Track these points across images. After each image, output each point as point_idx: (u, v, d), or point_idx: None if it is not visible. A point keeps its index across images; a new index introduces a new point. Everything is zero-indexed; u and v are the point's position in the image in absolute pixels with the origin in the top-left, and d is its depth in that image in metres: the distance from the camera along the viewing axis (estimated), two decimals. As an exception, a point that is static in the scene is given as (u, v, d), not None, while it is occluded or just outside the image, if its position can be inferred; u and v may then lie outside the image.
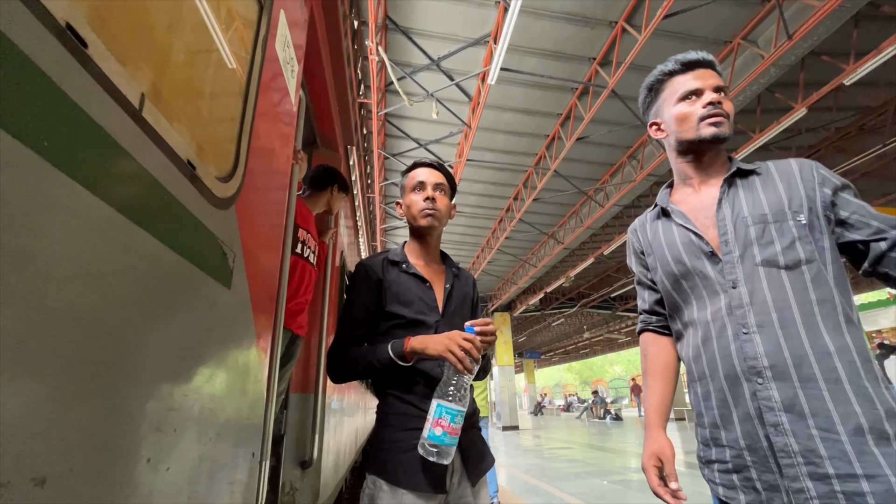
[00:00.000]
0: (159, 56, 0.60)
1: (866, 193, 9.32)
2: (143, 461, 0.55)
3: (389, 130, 7.36)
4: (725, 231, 0.89)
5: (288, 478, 1.73)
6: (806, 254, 0.83)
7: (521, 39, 5.42)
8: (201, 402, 0.70)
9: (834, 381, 0.76)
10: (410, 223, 1.21)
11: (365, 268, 1.17)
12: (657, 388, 1.02)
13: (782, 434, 0.77)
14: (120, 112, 0.48)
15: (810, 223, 0.85)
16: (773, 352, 0.80)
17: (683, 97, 0.97)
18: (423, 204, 1.17)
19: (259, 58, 1.00)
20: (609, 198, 8.37)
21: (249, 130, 0.89)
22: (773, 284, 0.83)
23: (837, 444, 0.72)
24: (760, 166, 0.95)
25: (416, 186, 1.20)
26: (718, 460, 0.86)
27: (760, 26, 5.33)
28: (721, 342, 0.86)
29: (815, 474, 0.73)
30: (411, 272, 1.17)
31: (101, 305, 0.46)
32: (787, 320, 0.80)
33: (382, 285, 1.14)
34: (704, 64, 0.98)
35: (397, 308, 1.12)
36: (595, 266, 12.53)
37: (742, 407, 0.82)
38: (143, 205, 0.53)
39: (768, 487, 0.78)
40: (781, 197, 0.88)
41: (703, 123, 0.94)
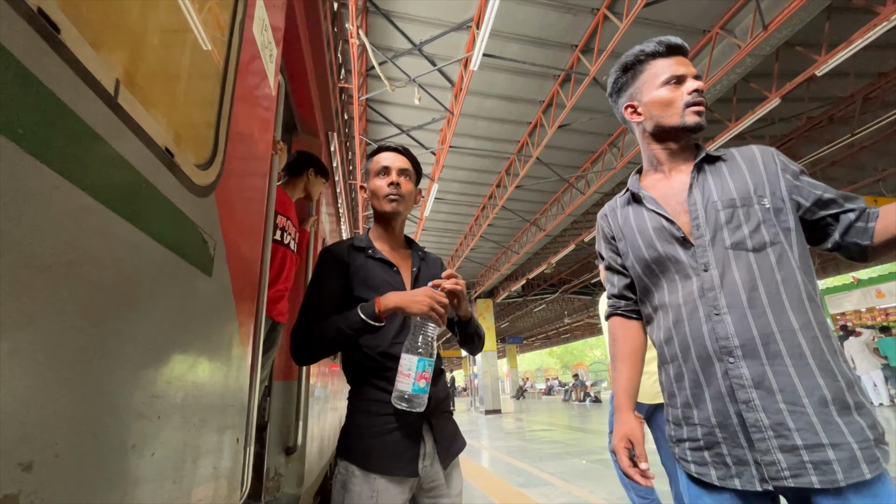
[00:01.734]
0: (134, 41, 0.59)
1: (835, 181, 9.67)
2: (128, 447, 0.55)
3: (371, 116, 7.25)
4: (697, 216, 0.91)
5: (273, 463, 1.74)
6: (770, 236, 0.86)
7: (504, 25, 5.38)
8: (185, 389, 0.70)
9: (798, 357, 0.79)
10: (375, 208, 1.21)
11: (330, 254, 1.15)
12: (626, 372, 1.04)
13: (753, 410, 0.79)
14: (94, 98, 0.47)
15: (774, 206, 0.88)
16: (743, 331, 0.82)
17: (667, 82, 0.96)
18: (387, 189, 1.17)
19: (236, 41, 0.98)
20: (590, 185, 8.47)
21: (228, 117, 0.88)
22: (741, 267, 0.85)
23: (804, 416, 0.76)
24: (725, 153, 0.96)
25: (381, 171, 1.19)
26: (690, 438, 0.89)
27: (738, 16, 5.42)
28: (693, 324, 0.88)
29: (784, 447, 0.76)
30: (377, 257, 1.17)
31: (82, 294, 0.46)
32: (755, 300, 0.83)
33: (349, 271, 1.13)
34: (684, 51, 0.98)
35: (365, 293, 1.10)
36: (576, 252, 12.71)
37: (714, 386, 0.85)
38: (120, 193, 0.52)
39: (737, 462, 0.81)
40: (747, 182, 0.90)
41: (689, 111, 0.94)
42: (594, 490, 3.70)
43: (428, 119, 7.25)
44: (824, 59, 5.13)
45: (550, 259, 11.95)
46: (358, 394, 1.10)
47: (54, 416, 0.42)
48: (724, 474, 0.83)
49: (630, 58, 1.02)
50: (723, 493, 0.84)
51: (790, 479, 0.75)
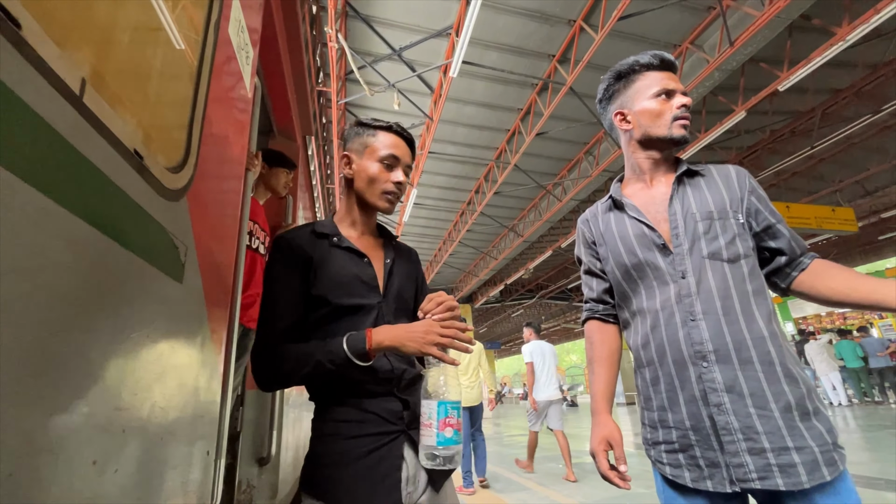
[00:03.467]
0: (102, 38, 0.57)
1: (796, 191, 10.14)
2: (89, 463, 0.52)
3: (350, 120, 7.20)
4: (676, 225, 0.94)
5: (245, 475, 1.69)
6: (744, 249, 0.91)
7: (483, 33, 5.44)
8: (152, 401, 0.67)
9: (768, 364, 0.83)
10: (363, 194, 1.01)
11: (288, 244, 0.95)
12: (603, 375, 1.04)
13: (724, 413, 0.82)
14: (59, 99, 0.45)
15: (746, 223, 0.94)
16: (717, 337, 0.85)
17: (658, 94, 0.99)
18: (390, 186, 0.99)
19: (211, 42, 0.96)
20: (566, 192, 8.62)
21: (202, 119, 0.85)
22: (717, 275, 0.89)
23: (771, 420, 0.79)
24: (704, 168, 1.01)
25: (387, 159, 0.99)
26: (665, 441, 0.91)
27: (706, 32, 5.64)
28: (670, 329, 0.91)
29: (752, 449, 0.79)
30: (344, 246, 0.98)
31: (42, 302, 0.44)
32: (729, 308, 0.86)
33: (312, 265, 0.94)
34: (674, 68, 1.03)
35: (330, 292, 0.92)
36: (553, 258, 12.89)
37: (688, 389, 0.87)
38: (85, 197, 0.50)
39: (710, 464, 0.83)
40: (724, 197, 0.95)
41: (676, 124, 0.97)
42: (571, 494, 3.73)
43: (407, 124, 7.23)
44: (786, 76, 5.39)
45: (528, 264, 12.08)
46: (323, 414, 0.92)
47: (7, 432, 0.39)
48: (698, 476, 0.85)
49: (624, 67, 1.04)
50: (696, 495, 0.86)
51: (757, 481, 0.78)
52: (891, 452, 4.23)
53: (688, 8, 5.27)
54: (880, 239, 13.14)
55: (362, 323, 0.93)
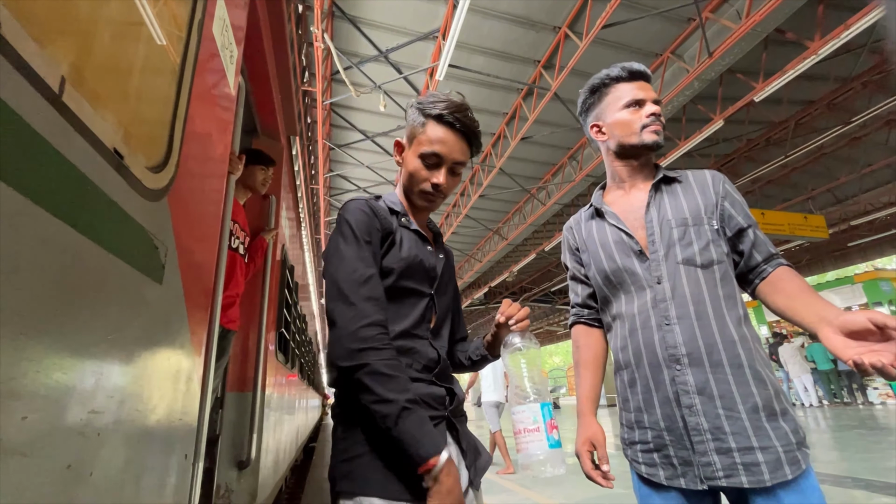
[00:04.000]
0: (83, 37, 0.56)
1: (771, 199, 10.46)
2: (63, 468, 0.51)
3: (335, 120, 7.16)
4: (653, 232, 0.97)
5: (223, 479, 1.66)
6: (717, 255, 0.94)
7: (470, 37, 5.48)
8: (129, 404, 0.66)
9: (737, 367, 0.86)
10: (405, 186, 0.95)
11: (373, 211, 0.87)
12: (589, 378, 1.07)
13: (695, 414, 0.85)
14: (37, 97, 0.45)
15: (721, 228, 0.97)
16: (690, 340, 0.88)
17: (628, 105, 1.03)
18: (428, 186, 0.90)
19: (195, 40, 0.95)
20: (550, 196, 8.72)
21: (184, 119, 0.85)
22: (691, 281, 0.92)
23: (739, 421, 0.83)
24: (681, 175, 1.04)
25: (429, 158, 0.89)
26: (641, 441, 0.94)
27: (686, 42, 5.79)
28: (646, 333, 0.94)
29: (720, 449, 0.82)
30: (413, 228, 0.93)
31: (16, 303, 0.43)
32: (702, 313, 0.89)
33: (390, 237, 0.88)
34: (646, 77, 1.05)
35: (398, 269, 0.86)
36: (537, 261, 13.01)
37: (662, 391, 0.90)
38: (63, 197, 0.50)
39: (683, 463, 0.87)
40: (699, 203, 0.97)
41: (646, 130, 1.01)
42: (552, 495, 3.77)
43: (393, 126, 7.24)
44: (761, 87, 5.57)
45: (512, 267, 12.16)
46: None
47: (-21, 437, 0.38)
48: (672, 474, 0.88)
49: (597, 81, 1.08)
50: (670, 492, 0.89)
51: (723, 479, 0.81)
52: (857, 452, 4.39)
53: (669, 18, 5.41)
54: (849, 245, 13.65)
55: (412, 309, 0.88)
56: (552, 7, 5.25)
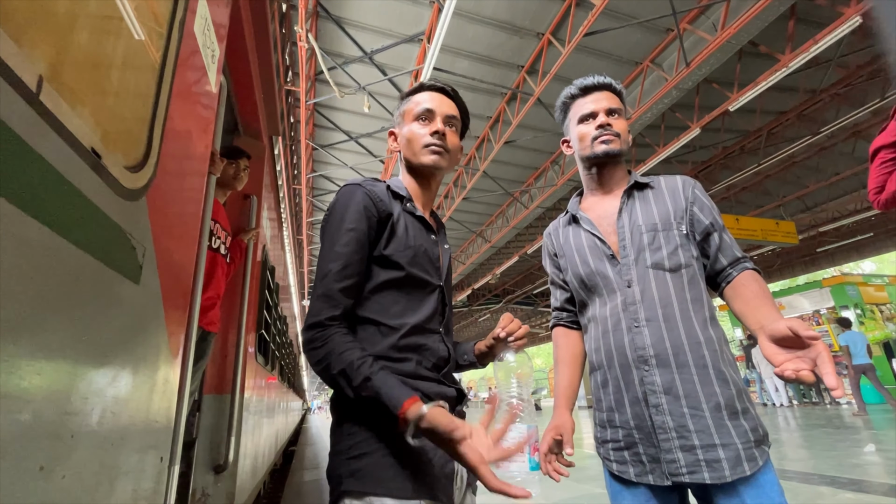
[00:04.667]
0: (61, 35, 0.55)
1: (745, 205, 10.79)
2: (36, 469, 0.51)
3: (318, 121, 7.10)
4: (624, 237, 1.01)
5: (200, 483, 1.63)
6: (685, 259, 0.97)
7: (454, 41, 5.52)
8: (104, 405, 0.66)
9: (702, 367, 0.89)
10: (409, 159, 0.94)
11: (368, 193, 0.83)
12: (566, 374, 1.11)
13: (661, 413, 0.89)
14: (14, 96, 0.44)
15: (689, 233, 1.00)
16: (658, 342, 0.92)
17: (582, 119, 1.08)
18: (428, 138, 0.90)
19: (175, 38, 0.95)
20: (533, 200, 8.82)
21: (164, 118, 0.84)
22: (659, 284, 0.95)
23: (702, 419, 0.86)
24: (653, 180, 1.07)
25: (422, 115, 0.92)
26: (612, 440, 0.97)
27: (665, 52, 5.94)
28: (617, 335, 0.97)
29: (684, 446, 0.86)
30: (417, 215, 0.90)
31: (-11, 303, 0.43)
32: (669, 315, 0.93)
33: (389, 223, 0.83)
34: (600, 87, 1.08)
35: (401, 256, 0.81)
36: (519, 264, 13.13)
37: (632, 391, 0.93)
38: (39, 197, 0.49)
39: (651, 460, 0.90)
40: (669, 209, 1.01)
41: (596, 142, 1.05)
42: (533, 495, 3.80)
43: (377, 127, 7.22)
44: (736, 97, 5.76)
45: (495, 270, 12.24)
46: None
47: (-50, 438, 0.38)
48: (641, 471, 0.91)
49: (560, 100, 1.14)
50: (639, 487, 0.92)
51: (686, 476, 0.85)
52: (823, 449, 4.56)
53: (648, 28, 5.55)
54: (818, 251, 14.18)
55: (425, 302, 0.84)
56: (536, 14, 5.33)
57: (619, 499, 0.96)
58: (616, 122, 1.06)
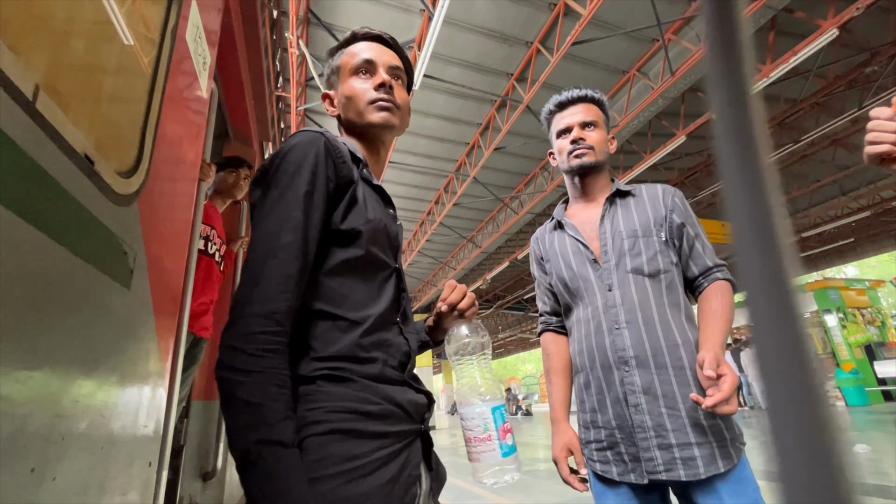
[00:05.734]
0: (56, 46, 0.57)
1: (730, 211, 10.98)
2: (27, 471, 0.51)
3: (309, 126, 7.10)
4: (605, 242, 1.04)
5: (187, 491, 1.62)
6: (664, 265, 1.00)
7: (445, 49, 5.57)
8: (93, 409, 0.66)
9: (679, 368, 0.92)
10: (352, 121, 0.78)
11: (330, 150, 0.65)
12: (561, 384, 1.10)
13: (640, 413, 0.91)
14: (11, 104, 0.46)
15: (668, 240, 1.03)
16: (637, 344, 0.95)
17: (559, 134, 1.14)
18: (373, 93, 0.76)
19: (168, 45, 0.96)
20: (523, 205, 8.89)
21: (155, 125, 0.85)
22: (638, 288, 0.99)
23: (679, 418, 0.89)
24: (636, 189, 1.11)
25: (361, 67, 0.77)
26: (595, 440, 0.99)
27: (651, 61, 6.07)
28: (598, 337, 1.00)
29: (662, 445, 0.88)
30: (374, 183, 0.74)
31: (-16, 306, 0.43)
32: (648, 318, 0.96)
33: (350, 190, 0.67)
34: (575, 101, 1.12)
35: (366, 234, 0.66)
36: (510, 269, 13.18)
37: (613, 392, 0.96)
38: (33, 201, 0.50)
39: (632, 459, 0.92)
40: (649, 216, 1.04)
41: (571, 156, 1.10)
42: (523, 501, 3.81)
43: (368, 133, 7.24)
44: (720, 105, 5.89)
45: (486, 275, 12.27)
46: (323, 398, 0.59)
47: (-55, 438, 0.39)
48: (623, 470, 0.94)
49: (543, 115, 1.20)
50: (621, 486, 0.95)
51: (663, 473, 0.87)
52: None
53: (634, 38, 5.66)
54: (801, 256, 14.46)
55: (384, 288, 0.69)
56: (525, 23, 5.41)
57: (602, 499, 0.98)
58: (591, 135, 1.09)
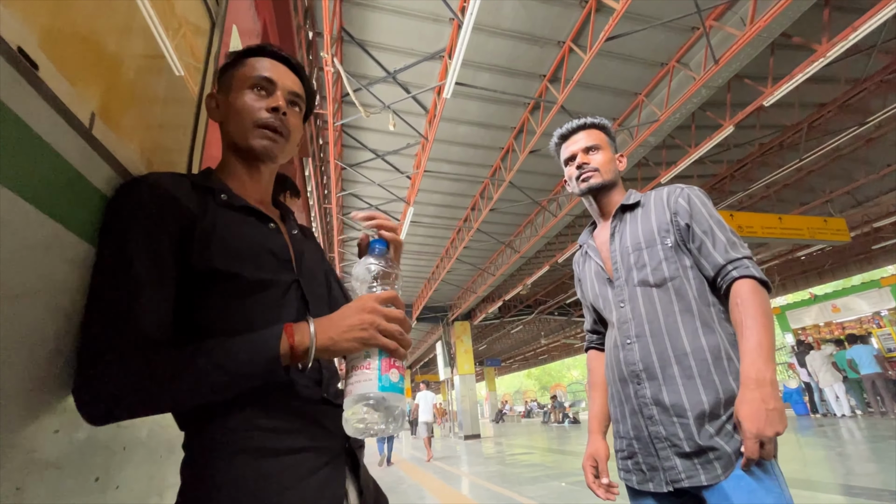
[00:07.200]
0: (110, 75, 0.60)
1: (788, 203, 10.26)
2: (92, 480, 0.54)
3: (346, 141, 7.31)
4: (615, 260, 1.08)
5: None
6: (670, 272, 1.00)
7: (475, 55, 5.59)
8: (152, 419, 0.69)
9: (688, 378, 0.92)
10: (233, 136, 0.71)
11: (155, 191, 0.58)
12: (598, 400, 1.18)
13: (655, 423, 0.94)
14: (70, 131, 0.49)
15: (675, 245, 1.01)
16: (645, 357, 0.97)
17: (566, 163, 1.19)
18: (264, 115, 0.70)
19: (212, 70, 1.01)
20: (561, 208, 8.71)
21: (202, 146, 0.89)
22: (646, 301, 1.00)
23: (688, 428, 0.89)
24: (644, 197, 1.12)
25: (259, 83, 0.71)
26: (619, 449, 1.04)
27: (692, 51, 5.80)
28: (615, 352, 1.05)
29: (679, 453, 0.90)
30: (239, 205, 0.67)
31: (48, 321, 0.46)
32: (656, 330, 0.97)
33: (196, 226, 0.60)
34: (576, 130, 1.18)
35: (230, 264, 0.60)
36: (550, 273, 12.92)
37: (630, 404, 1.00)
38: (93, 222, 0.53)
39: (650, 468, 0.95)
40: (653, 225, 1.05)
41: (578, 181, 1.14)
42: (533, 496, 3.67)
43: (402, 144, 7.36)
44: (770, 91, 5.54)
45: (526, 280, 12.09)
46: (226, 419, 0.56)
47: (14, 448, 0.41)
48: (642, 479, 0.97)
49: (552, 149, 1.25)
50: (645, 497, 0.98)
51: (686, 480, 0.88)
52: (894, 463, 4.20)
53: (672, 28, 5.44)
54: (874, 248, 13.25)
55: (284, 305, 0.65)
56: (555, 23, 5.33)
57: None
58: (595, 157, 1.14)
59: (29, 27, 0.43)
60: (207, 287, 0.59)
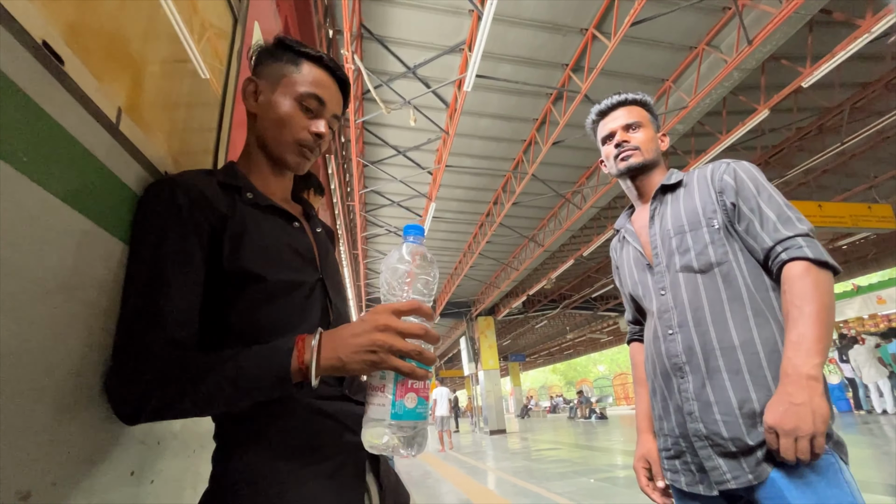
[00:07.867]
0: (135, 71, 0.60)
1: (828, 189, 9.76)
2: (127, 474, 0.54)
3: (368, 138, 7.35)
4: (655, 245, 1.00)
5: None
6: (717, 256, 0.90)
7: (496, 47, 5.51)
8: (184, 414, 0.70)
9: (735, 373, 0.83)
10: (267, 140, 0.71)
11: (189, 193, 0.59)
12: (644, 395, 1.08)
13: (695, 421, 0.86)
14: (97, 126, 0.48)
15: (724, 227, 0.91)
16: (689, 349, 0.89)
17: (604, 141, 1.12)
18: (306, 136, 0.71)
19: (234, 69, 1.01)
20: (586, 200, 8.53)
21: (227, 142, 0.89)
22: (689, 288, 0.91)
23: (734, 426, 0.81)
24: (686, 177, 1.03)
25: (310, 99, 0.71)
26: (664, 448, 0.96)
27: (723, 32, 5.55)
28: (655, 344, 0.96)
29: (723, 453, 0.82)
30: (266, 205, 0.68)
31: (82, 316, 0.46)
32: (700, 319, 0.89)
33: (227, 227, 0.61)
34: (615, 106, 1.10)
35: (261, 266, 0.61)
36: (575, 267, 12.71)
37: (674, 399, 0.92)
38: (122, 218, 0.53)
39: (700, 469, 0.87)
40: (696, 206, 0.95)
41: (617, 160, 1.07)
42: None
43: (424, 139, 7.35)
44: (809, 72, 5.25)
45: (550, 274, 11.94)
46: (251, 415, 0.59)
47: (52, 443, 0.41)
48: (691, 480, 0.89)
49: (588, 126, 1.18)
50: (694, 499, 0.90)
51: (732, 482, 0.80)
52: (951, 463, 3.94)
53: (702, 9, 5.21)
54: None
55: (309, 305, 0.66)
56: (578, 9, 5.19)
57: None
58: (635, 135, 1.06)
59: (53, 22, 0.42)
60: (236, 287, 0.60)
